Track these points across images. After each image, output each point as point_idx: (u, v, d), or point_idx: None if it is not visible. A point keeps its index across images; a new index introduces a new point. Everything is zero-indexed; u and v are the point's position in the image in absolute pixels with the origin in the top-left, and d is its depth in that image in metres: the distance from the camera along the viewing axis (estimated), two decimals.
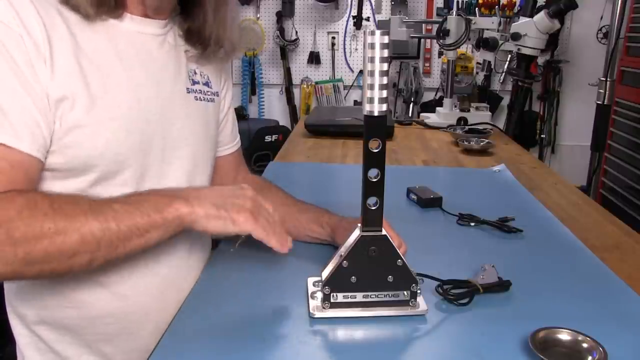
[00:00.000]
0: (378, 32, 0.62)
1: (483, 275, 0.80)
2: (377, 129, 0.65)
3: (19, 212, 0.60)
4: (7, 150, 0.63)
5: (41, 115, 0.66)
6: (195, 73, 0.87)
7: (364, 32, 0.63)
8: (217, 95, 0.93)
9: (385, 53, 0.62)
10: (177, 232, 0.68)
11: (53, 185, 0.70)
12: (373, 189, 0.69)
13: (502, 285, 0.80)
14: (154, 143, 0.78)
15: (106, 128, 0.71)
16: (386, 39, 0.62)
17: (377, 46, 0.62)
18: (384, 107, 0.64)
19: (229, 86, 0.99)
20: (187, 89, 0.85)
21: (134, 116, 0.75)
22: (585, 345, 0.64)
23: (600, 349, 0.62)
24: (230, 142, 1.01)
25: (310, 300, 0.75)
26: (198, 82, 0.87)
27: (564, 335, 0.65)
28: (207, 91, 0.89)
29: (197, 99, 0.86)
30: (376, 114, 0.64)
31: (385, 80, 0.63)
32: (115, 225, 0.63)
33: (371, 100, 0.64)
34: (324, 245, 0.93)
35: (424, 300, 0.75)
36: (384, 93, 0.63)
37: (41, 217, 0.60)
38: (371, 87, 0.63)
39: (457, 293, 0.77)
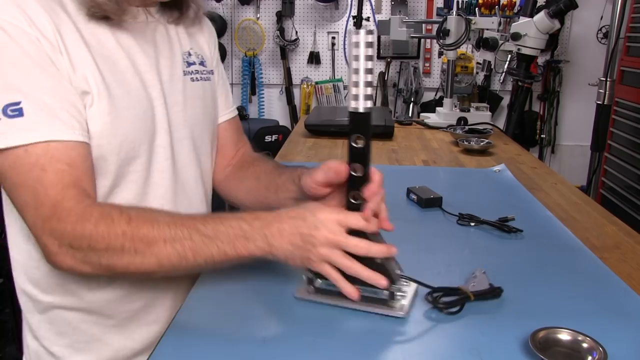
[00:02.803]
0: (362, 31, 0.63)
1: (474, 282, 0.79)
2: (362, 125, 0.67)
3: (95, 227, 0.66)
4: (62, 146, 0.67)
5: (79, 103, 0.70)
6: (190, 55, 0.90)
7: (349, 31, 0.65)
8: (212, 73, 0.95)
9: (370, 51, 0.64)
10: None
11: None
12: (356, 184, 0.70)
13: (493, 292, 0.78)
14: (160, 127, 0.81)
15: (122, 117, 0.74)
16: (370, 38, 0.63)
17: (362, 45, 0.63)
18: (369, 103, 0.65)
19: (218, 59, 1.01)
20: (183, 71, 0.87)
21: (143, 103, 0.78)
22: (585, 345, 0.64)
23: (600, 349, 0.62)
24: (224, 110, 1.01)
25: (300, 283, 0.76)
26: (194, 63, 0.90)
27: (564, 335, 0.65)
28: (203, 70, 0.91)
29: (193, 80, 0.89)
30: (361, 110, 0.65)
31: (369, 78, 0.64)
32: (192, 256, 0.67)
33: (356, 97, 0.65)
34: None
35: (407, 302, 0.74)
36: (369, 90, 0.65)
37: (119, 235, 0.66)
38: (356, 84, 0.64)
39: (447, 301, 0.75)
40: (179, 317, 0.73)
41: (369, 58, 0.64)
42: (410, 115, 3.49)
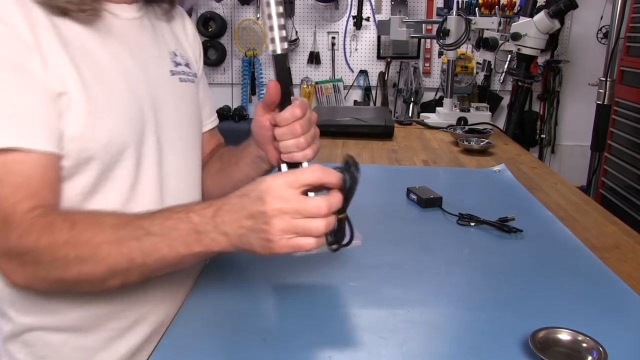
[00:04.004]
0: None
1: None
2: (281, 64, 0.69)
3: (37, 239, 0.61)
4: (22, 156, 0.62)
5: (49, 109, 0.64)
6: (176, 55, 0.85)
7: None
8: (196, 77, 0.91)
9: None
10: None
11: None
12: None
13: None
14: (148, 129, 0.76)
15: (105, 118, 0.69)
16: None
17: None
18: (285, 45, 0.68)
19: (202, 69, 0.96)
20: (171, 71, 0.83)
21: (129, 103, 0.72)
22: (585, 345, 0.64)
23: (600, 349, 0.62)
24: (208, 119, 0.97)
25: None
26: (180, 64, 0.85)
27: (564, 335, 0.66)
28: (189, 72, 0.87)
29: (182, 81, 0.84)
30: (279, 52, 0.68)
31: (282, 21, 0.67)
32: (142, 259, 0.61)
33: (273, 41, 0.67)
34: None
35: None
36: (283, 32, 0.67)
37: (62, 245, 0.61)
38: (271, 28, 0.66)
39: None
40: (179, 317, 0.73)
41: (279, 3, 0.67)
42: (410, 115, 3.49)
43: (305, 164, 0.72)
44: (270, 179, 0.59)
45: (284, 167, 0.73)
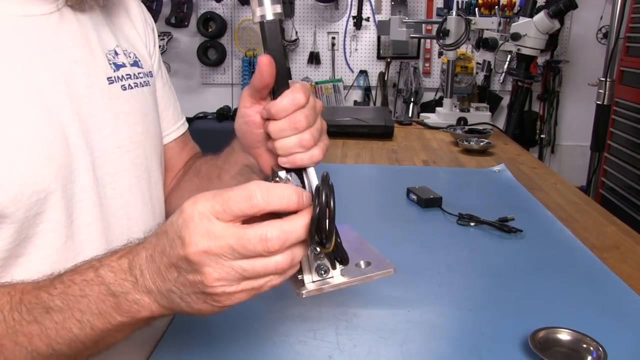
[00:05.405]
0: None
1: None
2: (274, 34, 0.51)
3: None
4: None
5: None
6: (117, 54, 0.66)
7: None
8: (151, 76, 0.72)
9: None
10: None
11: None
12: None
13: None
14: (79, 164, 0.59)
15: (15, 161, 0.52)
16: None
17: None
18: (278, 8, 0.49)
19: (159, 59, 0.78)
20: (109, 78, 0.64)
21: (47, 133, 0.55)
22: (585, 345, 0.64)
23: (600, 349, 0.62)
24: (172, 126, 0.80)
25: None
26: (123, 65, 0.67)
27: (564, 335, 0.66)
28: (139, 73, 0.69)
29: (125, 89, 0.66)
30: (270, 17, 0.50)
31: None
32: (48, 347, 0.46)
33: (261, 2, 0.49)
34: None
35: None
36: None
37: None
38: None
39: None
40: (178, 318, 0.73)
41: None
42: (410, 115, 3.49)
43: (311, 170, 0.53)
44: (191, 205, 0.42)
45: (282, 174, 0.53)
